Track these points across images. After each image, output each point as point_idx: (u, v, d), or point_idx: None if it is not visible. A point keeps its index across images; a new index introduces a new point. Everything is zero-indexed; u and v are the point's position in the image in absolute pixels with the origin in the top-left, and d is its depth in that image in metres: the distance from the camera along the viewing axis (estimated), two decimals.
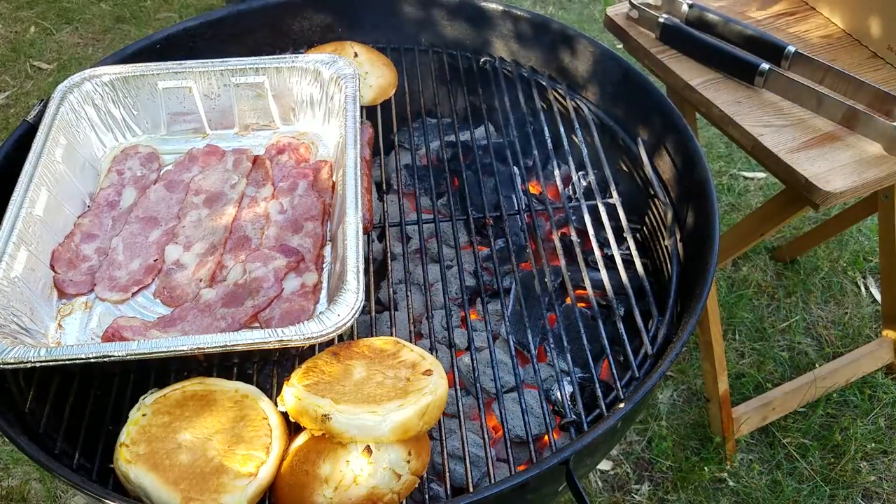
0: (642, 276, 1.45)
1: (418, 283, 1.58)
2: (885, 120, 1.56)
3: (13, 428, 1.16)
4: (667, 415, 2.31)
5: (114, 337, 1.23)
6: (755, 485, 2.17)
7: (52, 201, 1.40)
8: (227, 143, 1.63)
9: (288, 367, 1.31)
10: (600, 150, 1.63)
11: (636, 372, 1.31)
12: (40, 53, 3.63)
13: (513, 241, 1.55)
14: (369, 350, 1.21)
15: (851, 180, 1.52)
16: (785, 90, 1.68)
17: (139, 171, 1.55)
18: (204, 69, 1.57)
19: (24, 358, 1.12)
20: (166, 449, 1.11)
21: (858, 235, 2.79)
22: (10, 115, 3.33)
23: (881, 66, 1.77)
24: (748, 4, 1.96)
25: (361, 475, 1.07)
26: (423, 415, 1.09)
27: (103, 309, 1.35)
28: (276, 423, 1.16)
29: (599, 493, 2.16)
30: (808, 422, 2.29)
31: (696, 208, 1.48)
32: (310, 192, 1.49)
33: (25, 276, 1.29)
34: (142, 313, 1.34)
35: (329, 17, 1.89)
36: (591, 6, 3.86)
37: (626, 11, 1.91)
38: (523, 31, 1.83)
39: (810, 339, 2.52)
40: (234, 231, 1.45)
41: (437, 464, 1.27)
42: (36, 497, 2.15)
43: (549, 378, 1.43)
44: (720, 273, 2.66)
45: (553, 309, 1.48)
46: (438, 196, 1.71)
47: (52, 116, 1.48)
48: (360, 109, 1.52)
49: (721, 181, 2.99)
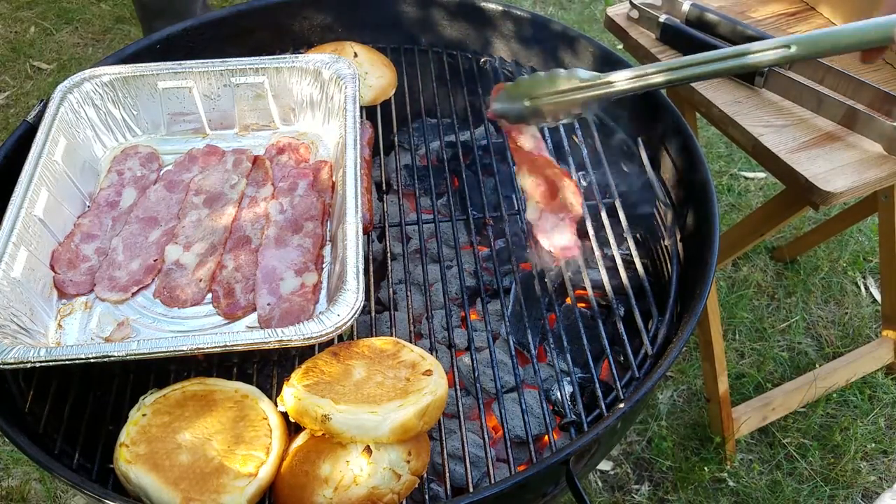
0: (642, 277, 1.45)
1: (418, 283, 1.58)
2: (886, 120, 1.55)
3: (13, 428, 1.16)
4: (667, 415, 2.31)
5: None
6: (755, 485, 2.17)
7: (51, 201, 1.40)
8: (227, 143, 1.63)
9: (288, 367, 1.31)
10: (600, 151, 1.63)
11: (636, 372, 1.31)
12: (40, 53, 3.63)
13: (513, 241, 1.55)
14: (369, 350, 1.21)
15: (851, 180, 1.52)
16: (785, 90, 1.68)
17: (139, 172, 1.55)
18: (204, 69, 1.57)
19: (24, 358, 1.12)
20: (166, 449, 1.11)
21: (858, 235, 2.79)
22: (10, 115, 3.33)
23: (881, 66, 1.77)
24: (748, 4, 1.96)
25: (361, 475, 1.07)
26: (422, 415, 1.09)
27: (103, 309, 1.35)
28: (276, 423, 1.16)
29: (599, 493, 2.16)
30: (808, 422, 2.29)
31: (697, 208, 1.48)
32: (310, 193, 1.49)
33: (25, 276, 1.29)
34: (142, 313, 1.35)
35: (329, 17, 1.89)
36: (592, 6, 3.86)
37: (626, 11, 1.91)
38: (523, 32, 1.83)
39: (810, 339, 2.52)
40: (234, 231, 1.45)
41: (437, 464, 1.27)
42: (36, 497, 2.15)
43: (549, 378, 1.43)
44: (720, 273, 2.66)
45: (553, 309, 1.48)
46: (438, 196, 1.71)
47: (52, 117, 1.47)
48: (360, 109, 1.52)
49: (721, 181, 2.99)
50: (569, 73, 1.28)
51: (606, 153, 1.63)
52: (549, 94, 1.30)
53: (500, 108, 1.37)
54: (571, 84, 1.27)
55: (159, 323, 1.33)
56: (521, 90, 1.33)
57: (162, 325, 1.33)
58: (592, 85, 1.26)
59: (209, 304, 1.36)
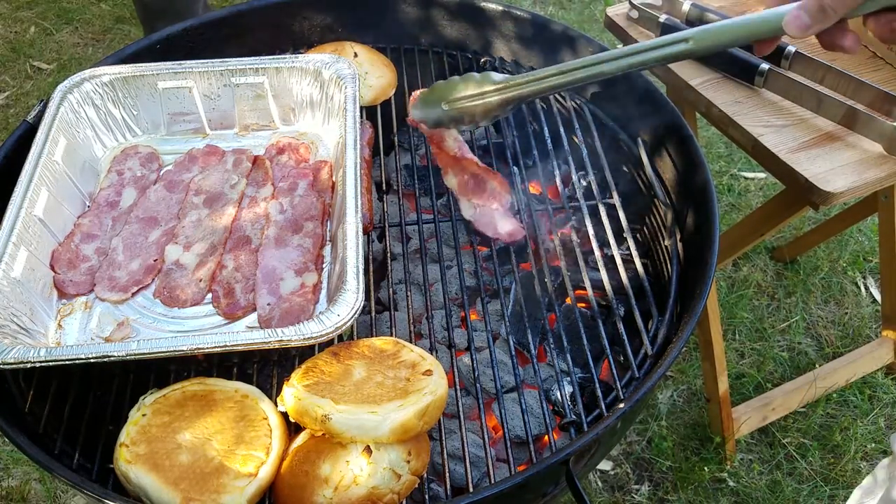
0: (642, 277, 1.45)
1: (418, 283, 1.58)
2: (886, 120, 1.55)
3: (13, 428, 1.16)
4: (667, 415, 2.31)
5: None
6: (755, 485, 2.17)
7: (51, 201, 1.40)
8: (227, 143, 1.63)
9: (288, 367, 1.31)
10: (600, 151, 1.63)
11: (636, 372, 1.31)
12: (40, 53, 3.63)
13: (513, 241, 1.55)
14: (369, 350, 1.21)
15: (851, 180, 1.52)
16: (785, 90, 1.68)
17: (139, 172, 1.55)
18: (204, 69, 1.57)
19: (24, 358, 1.12)
20: (166, 449, 1.11)
21: (858, 235, 2.79)
22: (10, 115, 3.33)
23: (881, 66, 1.77)
24: (748, 4, 1.96)
25: (361, 475, 1.07)
26: (422, 415, 1.09)
27: (103, 309, 1.35)
28: (276, 423, 1.16)
29: (599, 493, 2.16)
30: (808, 422, 2.29)
31: (697, 209, 1.48)
32: (310, 193, 1.49)
33: (25, 276, 1.29)
34: (142, 313, 1.35)
35: (329, 17, 1.89)
36: (592, 6, 3.86)
37: (626, 11, 1.91)
38: (524, 32, 1.83)
39: (810, 339, 2.52)
40: (234, 231, 1.45)
41: (437, 464, 1.27)
42: (36, 497, 2.15)
43: (548, 378, 1.43)
44: (720, 273, 2.66)
45: (553, 309, 1.48)
46: (438, 196, 1.70)
47: (52, 117, 1.47)
48: (360, 110, 1.52)
49: (721, 181, 2.99)
50: (482, 77, 1.32)
51: (606, 153, 1.63)
52: (464, 98, 1.34)
53: (419, 115, 1.42)
54: (485, 88, 1.31)
55: (159, 323, 1.33)
56: (436, 95, 1.38)
57: (162, 325, 1.33)
58: (506, 87, 1.30)
59: (209, 304, 1.36)
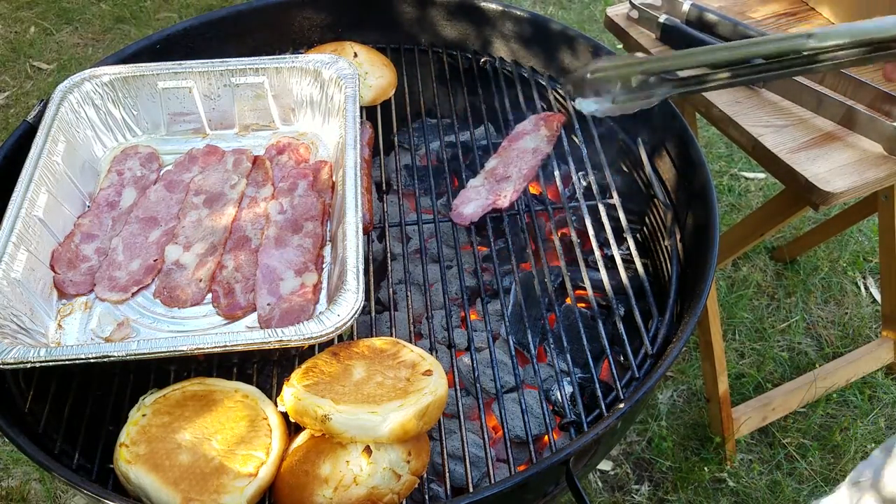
0: (642, 277, 1.45)
1: (418, 283, 1.58)
2: (886, 120, 1.55)
3: (13, 428, 1.16)
4: (667, 415, 2.31)
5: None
6: (755, 485, 2.17)
7: (51, 201, 1.40)
8: (227, 143, 1.63)
9: (288, 367, 1.31)
10: (600, 151, 1.63)
11: (636, 372, 1.31)
12: (40, 53, 3.63)
13: (513, 241, 1.55)
14: (369, 350, 1.21)
15: (851, 180, 1.52)
16: (785, 90, 1.68)
17: (139, 172, 1.55)
18: (204, 69, 1.57)
19: (24, 358, 1.12)
20: (166, 449, 1.11)
21: (858, 235, 2.79)
22: (10, 115, 3.33)
23: (881, 67, 1.76)
24: (748, 4, 1.96)
25: (361, 475, 1.08)
26: (422, 415, 1.09)
27: (103, 309, 1.35)
28: (276, 423, 1.16)
29: (599, 493, 2.16)
30: (808, 422, 2.29)
31: (697, 209, 1.48)
32: (310, 193, 1.49)
33: (25, 276, 1.29)
34: (142, 313, 1.35)
35: (329, 17, 1.89)
36: (592, 6, 3.86)
37: (626, 11, 1.91)
38: (523, 32, 1.83)
39: (810, 339, 2.52)
40: (233, 231, 1.45)
41: (437, 464, 1.27)
42: (36, 497, 2.15)
43: (548, 378, 1.43)
44: (720, 273, 2.66)
45: (553, 309, 1.48)
46: (438, 196, 1.71)
47: (52, 117, 1.47)
48: (360, 110, 1.52)
49: (721, 181, 2.99)
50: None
51: (606, 153, 1.63)
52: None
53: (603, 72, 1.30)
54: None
55: (159, 323, 1.33)
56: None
57: (162, 325, 1.33)
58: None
59: (209, 304, 1.36)
